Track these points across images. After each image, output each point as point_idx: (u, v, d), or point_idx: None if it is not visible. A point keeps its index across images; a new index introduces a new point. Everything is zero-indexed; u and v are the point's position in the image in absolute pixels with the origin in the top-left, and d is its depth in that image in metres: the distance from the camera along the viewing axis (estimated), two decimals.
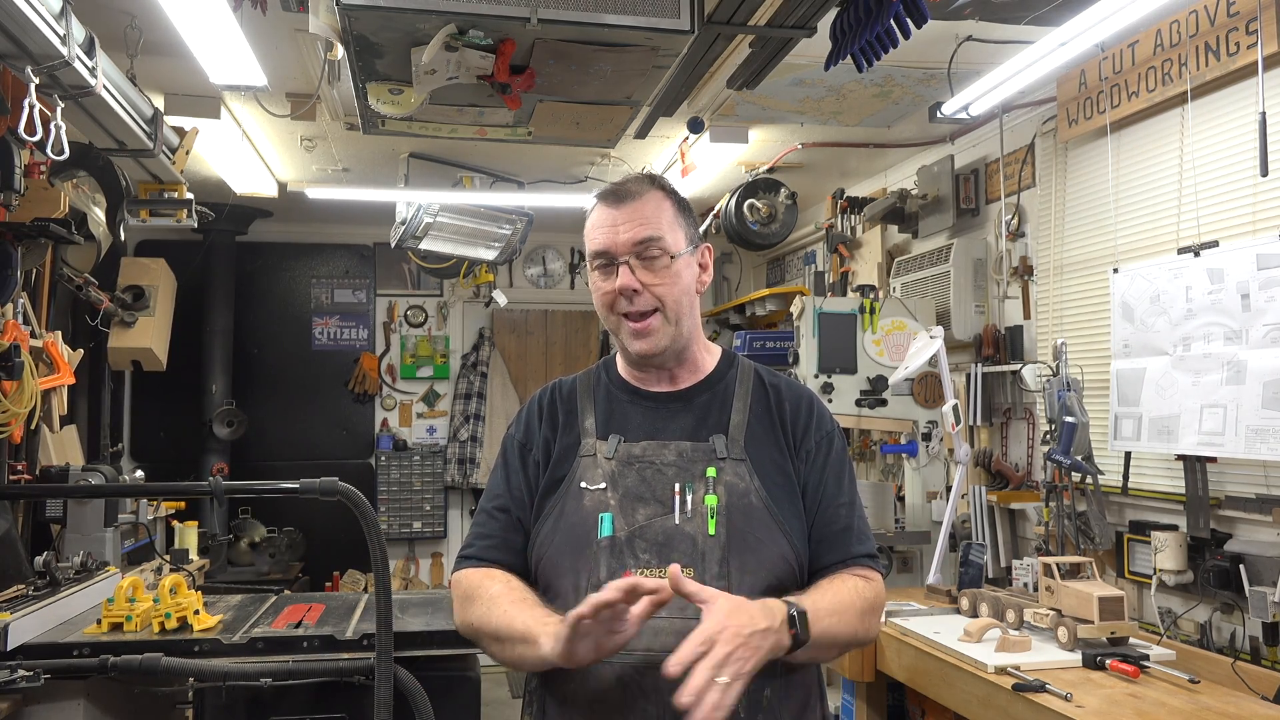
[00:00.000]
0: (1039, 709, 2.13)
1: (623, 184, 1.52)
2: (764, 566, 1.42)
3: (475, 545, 1.53)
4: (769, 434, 1.51)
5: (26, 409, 2.87)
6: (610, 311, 1.49)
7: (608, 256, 1.47)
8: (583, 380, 1.61)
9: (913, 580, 3.90)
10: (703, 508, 1.42)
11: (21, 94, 2.31)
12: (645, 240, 1.45)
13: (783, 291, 5.53)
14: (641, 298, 1.46)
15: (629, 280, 1.45)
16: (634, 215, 1.47)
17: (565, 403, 1.57)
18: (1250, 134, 2.70)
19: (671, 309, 1.47)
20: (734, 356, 1.62)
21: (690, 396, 1.54)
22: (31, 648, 2.30)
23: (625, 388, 1.57)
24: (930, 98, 3.72)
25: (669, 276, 1.47)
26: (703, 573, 1.38)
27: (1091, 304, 3.40)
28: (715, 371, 1.57)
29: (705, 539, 1.40)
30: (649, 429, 1.50)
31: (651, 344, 1.48)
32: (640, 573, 1.38)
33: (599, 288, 1.50)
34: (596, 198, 1.53)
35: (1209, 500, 2.81)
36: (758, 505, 1.44)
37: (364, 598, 2.84)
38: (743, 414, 1.52)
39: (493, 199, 4.97)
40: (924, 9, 2.20)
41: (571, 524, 1.44)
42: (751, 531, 1.42)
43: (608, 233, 1.47)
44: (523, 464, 1.55)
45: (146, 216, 3.67)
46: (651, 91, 2.79)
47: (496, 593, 1.42)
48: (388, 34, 2.31)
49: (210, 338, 6.13)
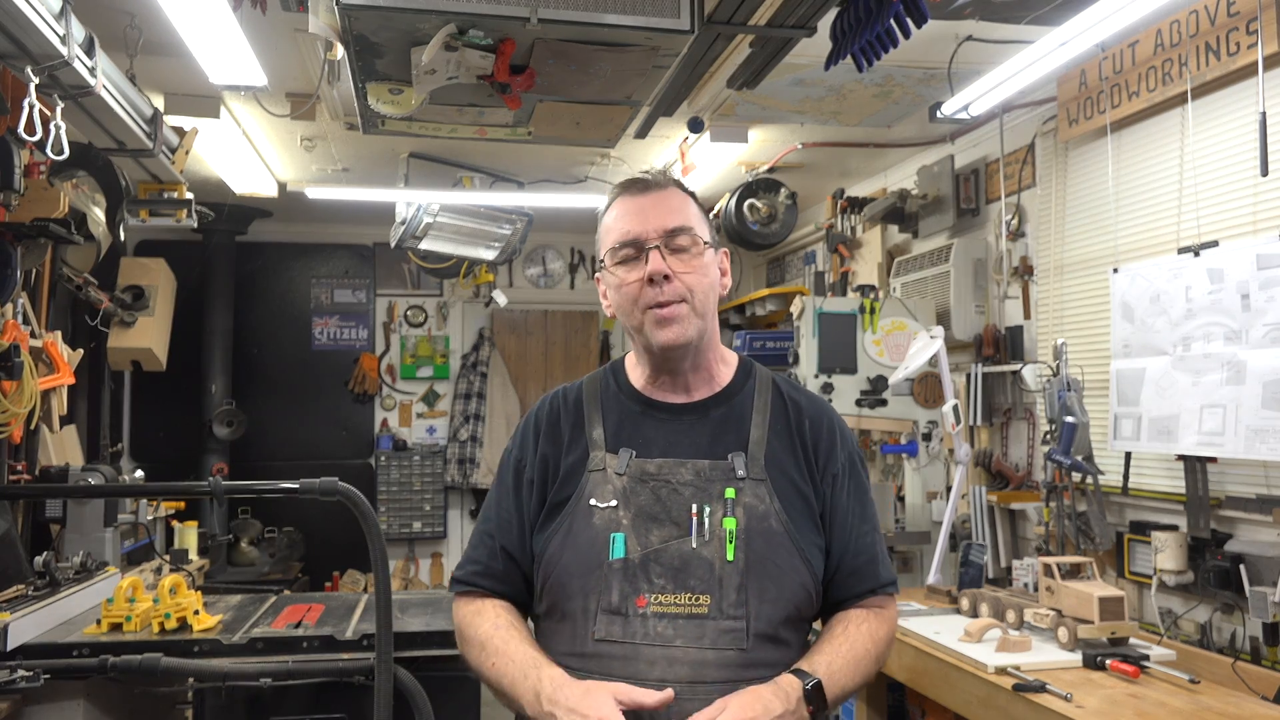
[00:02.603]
0: (1039, 709, 2.13)
1: (645, 176, 1.47)
2: (784, 596, 1.35)
3: (465, 568, 1.49)
4: (789, 452, 1.44)
5: (26, 409, 2.87)
6: (635, 305, 1.40)
7: (637, 244, 1.39)
8: (589, 387, 1.52)
9: (913, 580, 3.90)
10: (721, 531, 1.34)
11: (21, 94, 2.31)
12: (676, 228, 1.40)
13: (783, 291, 5.53)
14: (671, 285, 1.37)
15: (660, 265, 1.37)
16: (662, 204, 1.42)
17: (570, 413, 1.49)
18: (1250, 134, 2.70)
19: (700, 301, 1.40)
20: (751, 365, 1.54)
21: (706, 409, 1.46)
22: (31, 648, 2.30)
23: (637, 398, 1.48)
24: (930, 98, 3.72)
25: (699, 266, 1.41)
26: (720, 600, 1.32)
27: (1091, 304, 3.40)
28: (733, 383, 1.49)
29: (723, 565, 1.33)
30: (663, 444, 1.42)
31: (677, 333, 1.38)
32: (655, 598, 1.32)
33: (624, 280, 1.41)
34: (618, 188, 1.47)
35: (1209, 500, 2.81)
36: (778, 530, 1.36)
37: (364, 598, 2.84)
38: (762, 429, 1.44)
39: (493, 199, 4.97)
40: (924, 9, 2.20)
41: (580, 544, 1.36)
42: (772, 558, 1.35)
43: (637, 219, 1.40)
44: (515, 485, 1.48)
45: (146, 216, 3.67)
46: (651, 91, 2.79)
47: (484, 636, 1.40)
48: (388, 34, 2.30)
49: (210, 338, 6.13)
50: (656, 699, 1.23)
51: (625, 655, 1.31)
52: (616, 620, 1.32)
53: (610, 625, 1.32)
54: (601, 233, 1.47)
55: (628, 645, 1.31)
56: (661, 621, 1.32)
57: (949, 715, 2.58)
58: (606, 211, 1.48)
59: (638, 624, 1.31)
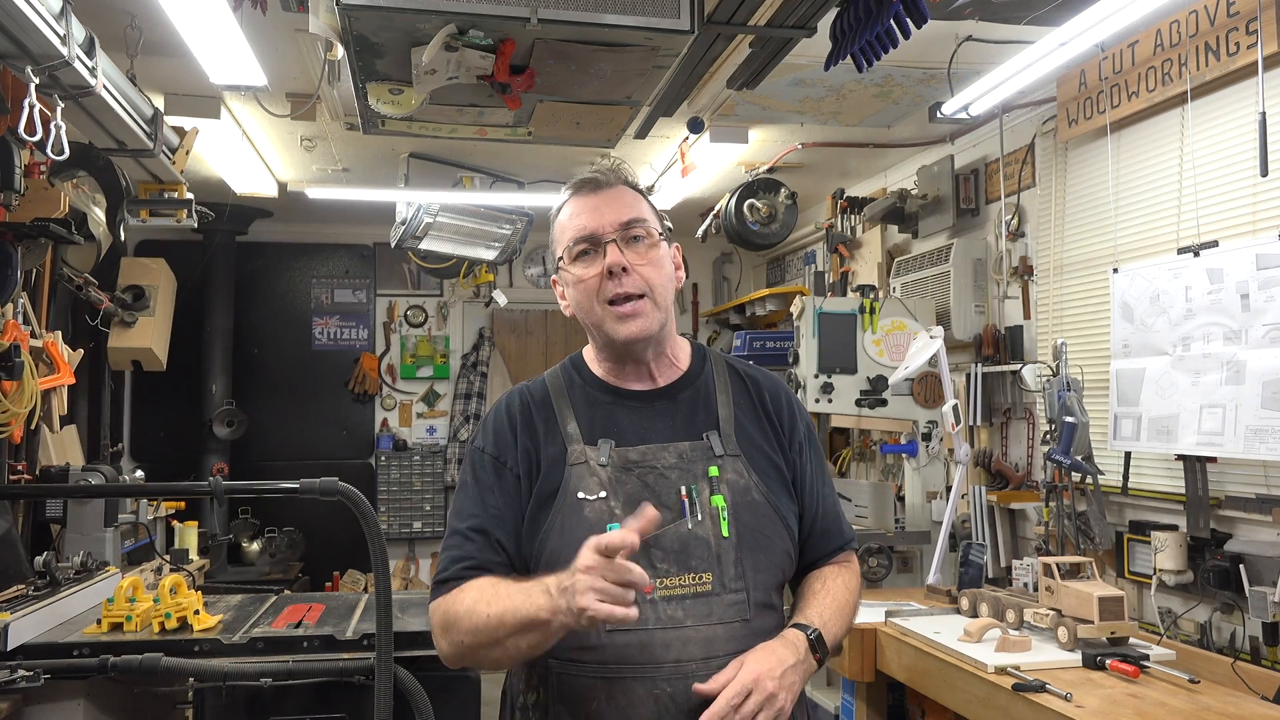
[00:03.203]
0: (1039, 709, 2.13)
1: (594, 175, 1.48)
2: (774, 564, 1.42)
3: (450, 569, 1.41)
4: (756, 426, 1.49)
5: (26, 409, 2.87)
6: (594, 300, 1.43)
7: (593, 239, 1.43)
8: (553, 382, 1.53)
9: (913, 580, 3.90)
10: (712, 509, 1.39)
11: (21, 94, 2.31)
12: (631, 221, 1.43)
13: (783, 291, 5.54)
14: (630, 278, 1.41)
15: (618, 257, 1.40)
16: (615, 200, 1.45)
17: (540, 408, 1.48)
18: (1250, 134, 2.70)
19: (660, 293, 1.44)
20: (702, 348, 1.59)
21: (674, 393, 1.50)
22: (31, 648, 2.30)
23: (604, 388, 1.50)
24: (930, 98, 3.72)
25: (655, 258, 1.44)
26: (721, 576, 1.37)
27: (1091, 304, 3.40)
28: (693, 366, 1.54)
29: (720, 542, 1.38)
30: (639, 431, 1.45)
31: (641, 326, 1.42)
32: (661, 582, 1.34)
33: (582, 277, 1.44)
34: (570, 188, 1.50)
35: (1209, 500, 2.81)
36: (760, 501, 1.42)
37: (364, 598, 2.84)
38: (729, 408, 1.49)
39: (493, 199, 4.97)
40: (924, 9, 2.20)
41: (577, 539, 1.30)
42: (760, 529, 1.41)
43: (592, 215, 1.43)
44: (498, 479, 1.44)
45: (146, 216, 3.67)
46: (651, 91, 2.79)
47: (471, 602, 1.33)
48: (388, 34, 2.31)
49: (210, 338, 6.13)
50: (630, 536, 1.18)
51: (640, 642, 1.32)
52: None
53: None
54: (556, 233, 1.50)
55: (641, 632, 1.32)
56: (670, 604, 1.34)
57: (949, 715, 2.58)
58: (559, 212, 1.50)
59: (648, 610, 1.32)
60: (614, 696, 1.32)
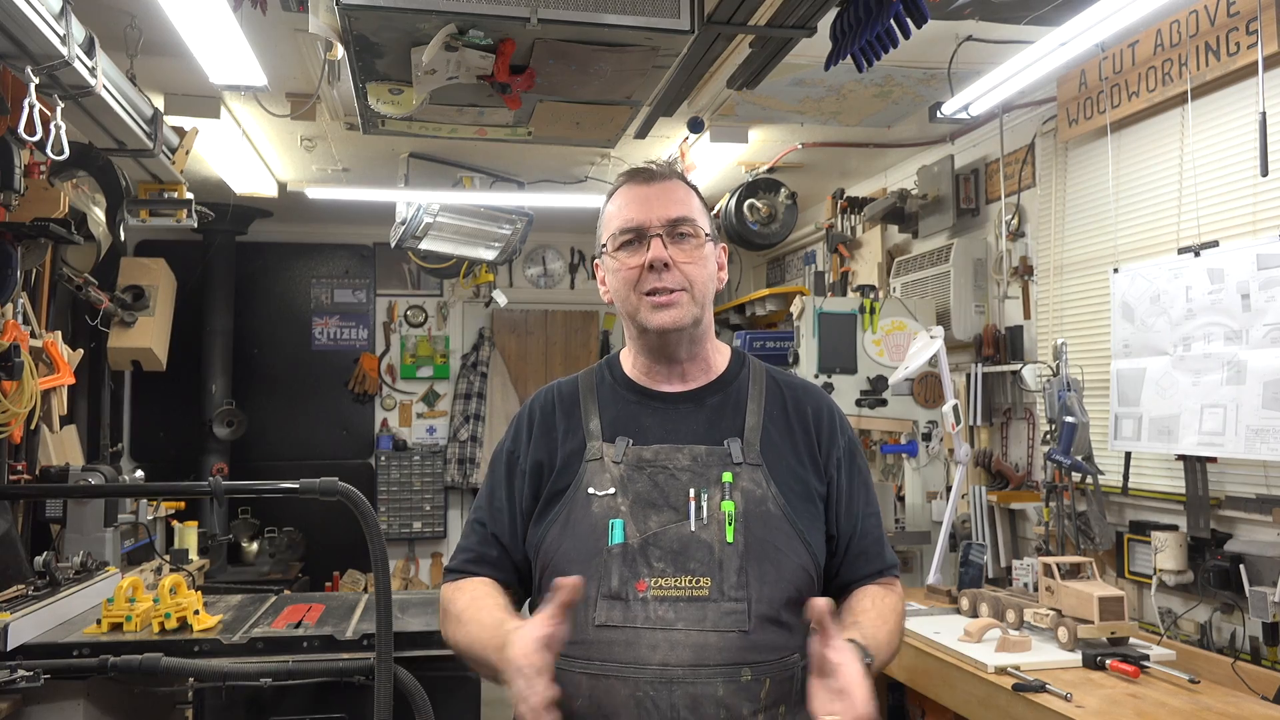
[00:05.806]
0: (1039, 709, 2.13)
1: (650, 167, 1.49)
2: (784, 578, 1.37)
3: (456, 558, 1.52)
4: (786, 439, 1.46)
5: (26, 409, 2.87)
6: (633, 290, 1.42)
7: (639, 231, 1.42)
8: (584, 380, 1.54)
9: (913, 580, 3.90)
10: (719, 514, 1.36)
11: (21, 94, 2.31)
12: (679, 219, 1.42)
13: (783, 291, 5.53)
14: (671, 274, 1.40)
15: (661, 252, 1.39)
16: (666, 194, 1.44)
17: (565, 406, 1.51)
18: (1250, 134, 2.70)
19: (699, 291, 1.43)
20: (744, 356, 1.56)
21: (702, 397, 1.48)
22: (31, 648, 2.30)
23: (632, 387, 1.50)
24: (930, 98, 3.72)
25: (699, 257, 1.43)
26: (721, 582, 1.33)
27: (1091, 304, 3.40)
28: (728, 371, 1.52)
29: (723, 547, 1.35)
30: (660, 431, 1.44)
31: (675, 316, 1.40)
32: (655, 582, 1.33)
33: (624, 264, 1.43)
34: (623, 177, 1.49)
35: (1209, 500, 2.81)
36: (775, 513, 1.39)
37: (364, 598, 2.84)
38: (757, 416, 1.46)
39: (493, 199, 4.97)
40: (924, 9, 2.20)
41: (580, 531, 1.38)
42: (771, 541, 1.37)
43: (640, 207, 1.43)
44: (508, 476, 1.49)
45: (146, 216, 3.67)
46: (651, 91, 2.79)
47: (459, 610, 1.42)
48: (388, 34, 2.31)
49: (210, 338, 6.13)
50: (562, 599, 1.20)
51: (626, 640, 1.31)
52: (617, 605, 1.32)
53: (610, 610, 1.32)
54: (604, 220, 1.49)
55: (629, 630, 1.31)
56: (662, 605, 1.32)
57: (949, 715, 2.58)
58: (610, 200, 1.50)
59: (638, 608, 1.32)
60: (596, 696, 1.31)
